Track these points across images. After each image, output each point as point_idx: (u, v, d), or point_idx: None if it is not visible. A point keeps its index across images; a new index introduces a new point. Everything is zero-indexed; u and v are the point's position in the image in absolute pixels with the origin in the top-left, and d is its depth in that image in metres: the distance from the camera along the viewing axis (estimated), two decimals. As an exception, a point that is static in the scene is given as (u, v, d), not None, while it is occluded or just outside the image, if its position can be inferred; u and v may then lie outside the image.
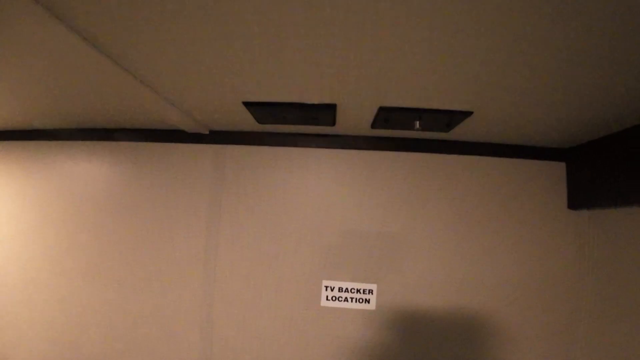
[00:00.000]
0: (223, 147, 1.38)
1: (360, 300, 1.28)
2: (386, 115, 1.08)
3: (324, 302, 1.29)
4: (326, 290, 1.28)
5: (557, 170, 1.33)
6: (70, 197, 1.47)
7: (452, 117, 1.06)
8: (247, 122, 1.24)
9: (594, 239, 1.28)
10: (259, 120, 1.19)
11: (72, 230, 1.45)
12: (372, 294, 1.27)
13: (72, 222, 1.45)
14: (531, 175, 1.32)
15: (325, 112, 1.07)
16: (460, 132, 1.21)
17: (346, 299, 1.28)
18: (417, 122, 1.10)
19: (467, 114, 1.03)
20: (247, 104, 1.06)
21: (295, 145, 1.34)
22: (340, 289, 1.28)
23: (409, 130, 1.18)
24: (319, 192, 1.33)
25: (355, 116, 1.12)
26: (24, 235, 1.47)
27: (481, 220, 1.31)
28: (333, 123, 1.17)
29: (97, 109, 1.23)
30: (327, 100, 1.00)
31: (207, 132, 1.39)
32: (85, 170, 1.47)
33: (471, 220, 1.31)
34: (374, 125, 1.17)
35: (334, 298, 1.28)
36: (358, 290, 1.28)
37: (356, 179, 1.32)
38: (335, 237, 1.31)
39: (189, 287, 1.36)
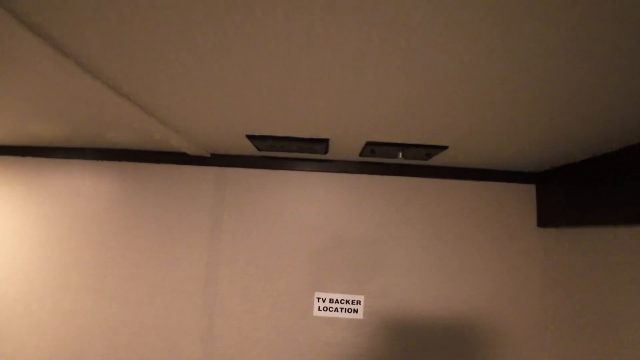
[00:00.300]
0: (224, 169, 1.50)
1: (349, 310, 1.41)
2: (372, 148, 1.23)
3: (316, 312, 1.41)
4: (318, 301, 1.41)
5: (528, 191, 1.50)
6: (74, 213, 1.55)
7: (431, 150, 1.22)
8: (247, 148, 1.36)
9: (559, 256, 1.42)
10: (260, 149, 1.32)
11: (76, 246, 1.53)
12: (359, 304, 1.41)
13: (77, 238, 1.53)
14: (504, 197, 1.49)
15: (320, 145, 1.21)
16: (439, 160, 1.38)
17: (336, 309, 1.41)
18: (400, 154, 1.26)
19: (443, 147, 1.19)
20: (249, 137, 1.19)
21: (291, 168, 1.48)
22: (331, 300, 1.41)
23: (393, 159, 1.34)
24: (312, 212, 1.47)
25: (346, 148, 1.27)
26: (28, 250, 1.54)
27: (458, 238, 1.47)
28: (326, 152, 1.31)
29: (102, 135, 1.33)
30: (321, 135, 1.14)
31: (209, 156, 1.50)
32: (89, 188, 1.56)
33: (449, 239, 1.47)
34: (361, 154, 1.32)
35: (325, 308, 1.41)
36: (347, 301, 1.41)
37: (346, 200, 1.47)
38: (326, 253, 1.45)
39: (190, 302, 1.46)
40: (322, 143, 1.20)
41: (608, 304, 1.18)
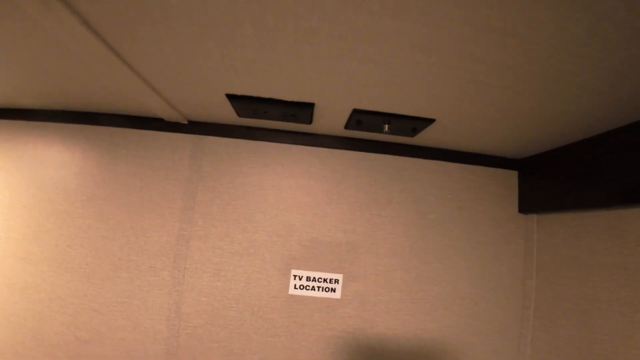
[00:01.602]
0: (201, 138, 1.42)
1: (327, 289, 1.35)
2: (359, 118, 1.18)
3: (291, 291, 1.34)
4: (294, 279, 1.35)
5: (510, 177, 1.49)
6: (40, 181, 1.43)
7: (417, 123, 1.18)
8: (227, 114, 1.29)
9: (540, 242, 1.42)
10: (240, 114, 1.25)
11: (39, 215, 1.41)
12: (337, 283, 1.35)
13: (41, 208, 1.41)
14: (486, 181, 1.48)
15: (304, 110, 1.15)
16: (425, 138, 1.34)
17: (313, 288, 1.34)
18: (386, 126, 1.22)
19: (430, 121, 1.15)
20: (230, 97, 1.12)
21: (272, 140, 1.41)
22: (307, 278, 1.35)
23: (379, 133, 1.29)
24: (292, 187, 1.40)
25: (331, 116, 1.21)
26: (-17, 218, 1.40)
27: (439, 221, 1.44)
28: (310, 121, 1.26)
29: (76, 89, 1.22)
30: (306, 99, 1.09)
31: (186, 122, 1.42)
32: (58, 154, 1.44)
33: (430, 220, 1.43)
34: (347, 126, 1.27)
35: (301, 287, 1.34)
36: (325, 280, 1.35)
37: (328, 176, 1.41)
38: (305, 230, 1.38)
39: (158, 277, 1.36)
40: (307, 109, 1.14)
41: (590, 290, 1.16)
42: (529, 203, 1.44)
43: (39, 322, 1.36)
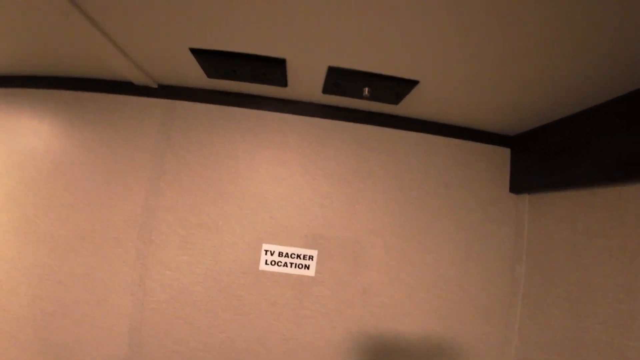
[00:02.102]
0: (172, 102, 1.33)
1: (300, 266, 1.27)
2: (336, 78, 1.08)
3: (262, 267, 1.26)
4: (265, 254, 1.26)
5: (502, 155, 1.39)
6: (9, 148, 1.36)
7: (400, 87, 1.08)
8: (196, 75, 1.20)
9: (532, 223, 1.34)
10: (208, 73, 1.16)
11: (9, 182, 1.34)
12: (312, 260, 1.27)
13: (10, 175, 1.34)
14: (476, 158, 1.38)
15: (275, 68, 1.06)
16: (410, 107, 1.24)
17: (285, 264, 1.26)
18: (366, 89, 1.12)
19: (413, 82, 1.05)
20: (194, 52, 1.03)
21: (246, 106, 1.32)
22: (280, 254, 1.26)
23: (359, 98, 1.19)
24: (266, 157, 1.31)
25: (306, 77, 1.12)
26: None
27: (424, 198, 1.34)
28: (285, 83, 1.16)
29: (39, 49, 1.15)
30: (276, 53, 0.99)
31: (156, 86, 1.33)
32: (27, 121, 1.37)
33: (415, 197, 1.34)
34: (325, 89, 1.17)
35: (273, 262, 1.26)
36: (298, 256, 1.27)
37: (304, 146, 1.32)
38: (278, 203, 1.30)
39: (123, 249, 1.29)
40: (278, 66, 1.04)
41: (584, 275, 1.08)
42: (521, 182, 1.34)
43: (3, 293, 1.29)
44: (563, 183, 1.15)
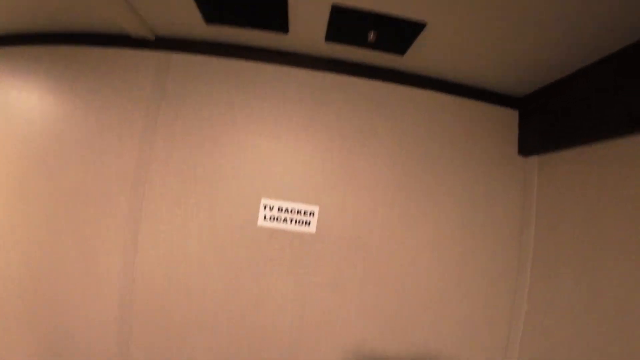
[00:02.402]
0: (168, 55, 1.28)
1: (301, 222, 1.21)
2: (340, 21, 1.04)
3: (261, 222, 1.20)
4: (264, 209, 1.20)
5: (510, 117, 1.34)
6: (4, 107, 1.31)
7: (407, 30, 1.04)
8: (195, 22, 1.15)
9: (541, 186, 1.29)
10: (207, 18, 1.11)
11: (2, 141, 1.29)
12: (313, 216, 1.21)
13: (3, 133, 1.30)
14: (484, 119, 1.33)
15: (277, 9, 1.01)
16: (417, 60, 1.20)
17: (285, 220, 1.20)
18: (372, 33, 1.08)
19: (420, 26, 1.01)
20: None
21: (245, 58, 1.27)
22: (279, 209, 1.20)
23: (364, 45, 1.15)
24: (264, 109, 1.26)
25: (308, 19, 1.07)
26: None
27: (428, 157, 1.29)
28: (286, 28, 1.12)
29: (36, 3, 1.10)
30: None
31: (153, 38, 1.28)
32: (22, 77, 1.32)
33: (419, 156, 1.29)
34: (328, 36, 1.13)
35: (272, 218, 1.20)
36: (299, 212, 1.21)
37: (305, 100, 1.27)
38: (278, 156, 1.24)
39: (114, 203, 1.23)
40: (280, 6, 1.00)
41: (597, 234, 1.03)
42: (530, 144, 1.29)
43: None
44: (573, 140, 1.11)
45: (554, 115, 1.18)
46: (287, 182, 1.23)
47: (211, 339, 1.20)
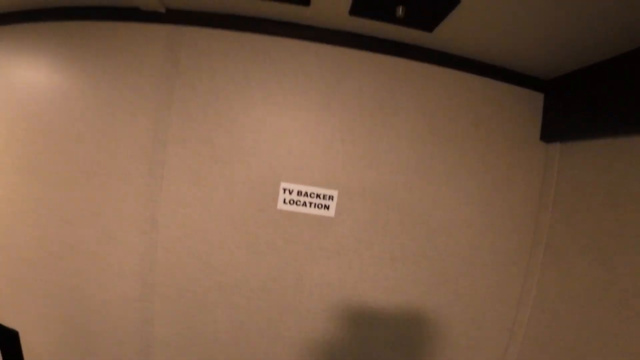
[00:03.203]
0: (180, 28, 1.21)
1: (320, 206, 1.21)
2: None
3: (280, 206, 1.20)
4: (284, 192, 1.20)
5: (535, 100, 1.29)
6: (9, 85, 1.27)
7: (439, 7, 0.96)
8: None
9: (561, 173, 1.27)
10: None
11: (11, 120, 1.26)
12: (332, 200, 1.21)
13: (9, 113, 1.27)
14: (507, 101, 1.28)
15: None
16: (444, 38, 1.13)
17: (304, 204, 1.20)
18: (400, 8, 1.00)
19: (455, 1, 0.94)
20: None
21: (262, 31, 1.20)
22: (299, 193, 1.20)
23: (391, 21, 1.08)
24: (283, 86, 1.21)
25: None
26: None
27: (451, 138, 1.26)
28: (307, 0, 1.04)
29: None
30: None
31: (164, 11, 1.20)
32: (27, 56, 1.27)
33: (442, 136, 1.25)
34: (353, 9, 1.05)
35: (291, 202, 1.20)
36: (318, 195, 1.20)
37: (325, 76, 1.21)
38: (298, 138, 1.21)
39: (131, 185, 1.22)
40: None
41: (615, 225, 1.01)
42: (553, 130, 1.25)
43: (8, 235, 1.26)
44: (599, 131, 1.07)
45: (582, 103, 1.13)
46: (307, 165, 1.21)
47: (233, 314, 1.24)
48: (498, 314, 1.31)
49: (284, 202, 1.20)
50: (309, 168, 1.21)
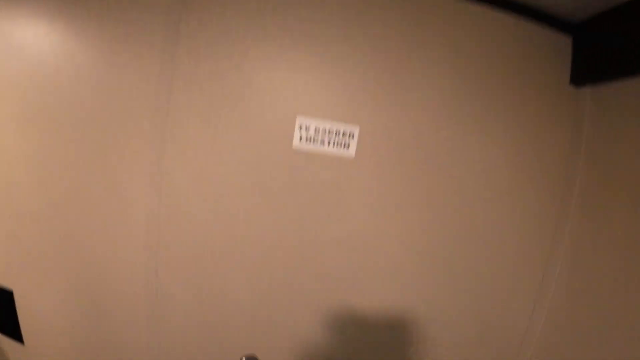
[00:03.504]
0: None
1: (340, 145, 1.11)
2: None
3: (296, 144, 1.11)
4: (300, 129, 1.10)
5: (563, 43, 1.20)
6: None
7: None
8: None
9: (593, 120, 1.19)
10: None
11: (6, 69, 1.15)
12: (353, 138, 1.11)
13: (8, 63, 1.15)
14: (536, 42, 1.19)
15: None
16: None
17: (322, 142, 1.11)
18: None
19: None
20: None
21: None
22: (316, 130, 1.10)
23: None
24: (299, 16, 1.11)
25: None
26: None
27: (478, 79, 1.17)
28: None
29: None
30: None
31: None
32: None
33: (467, 76, 1.17)
34: None
35: (308, 139, 1.10)
36: (337, 133, 1.11)
37: (347, 6, 1.11)
38: (314, 69, 1.12)
39: (137, 127, 1.13)
40: None
41: None
42: (584, 73, 1.17)
43: (8, 184, 1.16)
44: (633, 69, 0.98)
45: (614, 42, 1.05)
46: (325, 99, 1.12)
47: (243, 264, 1.16)
48: (528, 266, 1.23)
49: (300, 139, 1.10)
50: (327, 102, 1.12)
